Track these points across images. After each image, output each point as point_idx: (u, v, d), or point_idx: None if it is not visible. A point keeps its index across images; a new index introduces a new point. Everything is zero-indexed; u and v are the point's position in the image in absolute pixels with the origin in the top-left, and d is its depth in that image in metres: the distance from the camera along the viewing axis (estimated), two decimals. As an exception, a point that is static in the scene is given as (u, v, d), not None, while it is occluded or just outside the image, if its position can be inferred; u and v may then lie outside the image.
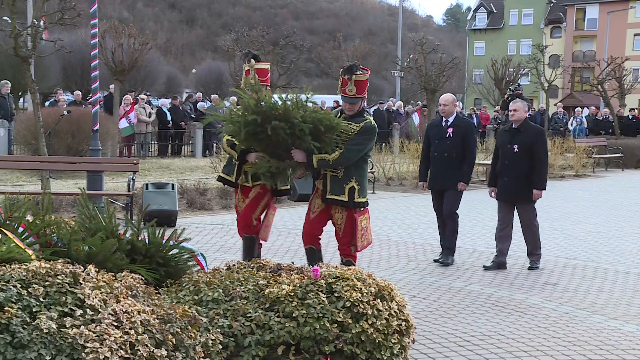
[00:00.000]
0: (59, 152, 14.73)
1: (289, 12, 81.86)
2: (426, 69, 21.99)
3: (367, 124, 5.65)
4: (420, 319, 5.62)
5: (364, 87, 5.70)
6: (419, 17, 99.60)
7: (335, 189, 5.64)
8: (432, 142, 7.92)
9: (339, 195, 5.63)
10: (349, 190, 5.63)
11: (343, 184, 5.62)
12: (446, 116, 7.84)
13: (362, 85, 5.66)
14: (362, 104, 5.75)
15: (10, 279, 3.08)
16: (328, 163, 5.49)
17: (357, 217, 5.66)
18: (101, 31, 17.14)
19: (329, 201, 5.68)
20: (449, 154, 7.73)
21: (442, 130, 7.82)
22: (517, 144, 7.57)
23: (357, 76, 5.61)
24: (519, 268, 7.74)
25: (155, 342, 3.18)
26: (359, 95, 5.66)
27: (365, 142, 5.64)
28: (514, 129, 7.70)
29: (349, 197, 5.63)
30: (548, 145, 21.03)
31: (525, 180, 7.56)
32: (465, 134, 7.76)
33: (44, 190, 10.17)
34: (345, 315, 3.84)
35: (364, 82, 5.68)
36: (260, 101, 5.25)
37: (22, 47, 11.71)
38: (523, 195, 7.61)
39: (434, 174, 7.88)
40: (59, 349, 2.90)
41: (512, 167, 7.60)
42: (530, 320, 5.82)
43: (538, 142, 7.62)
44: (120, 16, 55.20)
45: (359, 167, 5.70)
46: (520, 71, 28.36)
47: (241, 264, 4.44)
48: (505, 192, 7.70)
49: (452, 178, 7.70)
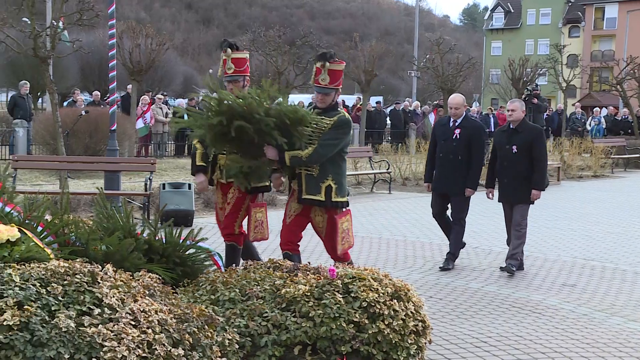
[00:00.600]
0: (76, 152, 14.84)
1: (305, 12, 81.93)
2: (443, 69, 21.91)
3: (341, 117, 5.35)
4: (436, 320, 5.60)
5: (338, 78, 5.39)
6: (436, 17, 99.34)
7: (311, 189, 5.32)
8: (439, 142, 7.65)
9: (315, 195, 5.32)
10: (325, 189, 5.32)
11: (319, 182, 5.31)
12: (455, 117, 7.57)
13: (336, 75, 5.36)
14: (336, 97, 5.45)
15: (29, 277, 3.11)
16: (301, 160, 5.20)
17: (337, 218, 5.37)
18: (119, 32, 17.23)
19: (305, 201, 5.37)
20: (454, 156, 7.45)
21: (449, 130, 7.55)
22: (515, 144, 7.37)
23: (332, 65, 5.32)
24: (536, 269, 7.69)
25: (173, 341, 3.19)
26: (333, 85, 5.35)
27: (340, 137, 5.33)
28: (512, 129, 7.49)
29: (325, 196, 5.32)
30: (566, 145, 20.92)
31: (523, 181, 7.35)
32: (473, 136, 7.46)
33: (63, 189, 10.25)
34: (361, 315, 3.83)
35: (338, 73, 5.38)
36: (222, 100, 4.99)
37: (41, 47, 11.82)
38: (521, 196, 7.38)
39: (438, 176, 7.62)
40: (78, 348, 2.92)
41: (511, 168, 7.41)
42: (548, 321, 5.77)
43: (537, 142, 7.41)
44: (138, 17, 55.51)
45: (335, 164, 5.39)
46: (538, 71, 28.11)
47: (257, 263, 4.45)
48: (505, 194, 7.53)
49: (456, 182, 7.43)
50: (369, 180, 15.51)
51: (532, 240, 9.35)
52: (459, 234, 7.61)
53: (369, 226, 10.20)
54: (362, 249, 8.56)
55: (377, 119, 25.88)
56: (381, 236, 9.42)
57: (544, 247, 8.97)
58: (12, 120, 17.87)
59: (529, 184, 7.35)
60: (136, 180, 13.78)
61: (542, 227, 10.45)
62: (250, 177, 5.39)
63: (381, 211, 11.75)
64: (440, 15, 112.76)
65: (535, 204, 7.57)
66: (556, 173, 17.71)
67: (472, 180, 7.44)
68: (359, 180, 15.64)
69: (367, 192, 14.68)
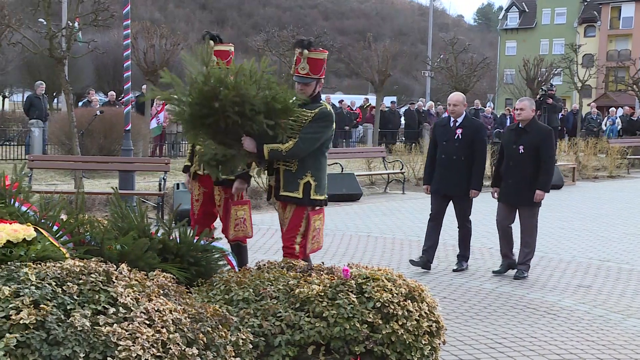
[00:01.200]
0: (91, 152, 14.92)
1: (319, 13, 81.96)
2: (457, 69, 21.85)
3: (323, 109, 5.05)
4: (450, 321, 5.58)
5: (319, 67, 5.10)
6: (450, 17, 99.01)
7: (288, 185, 5.06)
8: (439, 143, 7.47)
9: (292, 192, 5.06)
10: (303, 185, 5.05)
11: (297, 179, 5.05)
12: (455, 116, 7.42)
13: (317, 64, 5.07)
14: (318, 88, 5.14)
15: (45, 276, 3.12)
16: (281, 154, 4.89)
17: (311, 215, 5.11)
18: (133, 32, 17.31)
19: (282, 198, 5.12)
20: (457, 157, 7.30)
21: (451, 131, 7.38)
22: (522, 144, 7.18)
23: (312, 53, 5.06)
24: (551, 270, 7.65)
25: (187, 340, 3.20)
26: (314, 75, 5.07)
27: (322, 130, 5.02)
28: (520, 129, 7.29)
29: (303, 194, 5.05)
30: (581, 145, 20.78)
31: (530, 183, 7.16)
32: (475, 136, 7.33)
33: (78, 189, 10.31)
34: (375, 315, 3.83)
35: (319, 62, 5.09)
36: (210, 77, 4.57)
37: (57, 48, 11.90)
38: (527, 199, 7.18)
39: (439, 178, 7.43)
40: (93, 347, 2.94)
41: (517, 168, 7.21)
42: (563, 323, 5.74)
43: (545, 142, 7.18)
44: (152, 17, 55.74)
45: (315, 159, 5.09)
46: (553, 71, 27.97)
47: (271, 263, 4.45)
48: (508, 195, 7.31)
49: (460, 183, 7.30)
50: (382, 181, 15.49)
51: (547, 241, 9.31)
52: (466, 235, 7.51)
53: (383, 226, 10.18)
54: (375, 249, 8.56)
55: (390, 119, 25.84)
56: (395, 236, 9.40)
57: (559, 248, 8.92)
58: (28, 121, 18.01)
59: (534, 185, 7.15)
60: (150, 180, 13.84)
61: (557, 228, 10.39)
62: (223, 167, 4.99)
63: (395, 211, 11.73)
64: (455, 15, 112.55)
65: (548, 205, 7.50)
66: (571, 173, 17.59)
67: (476, 181, 7.31)
68: (372, 181, 15.63)
69: (380, 192, 14.66)
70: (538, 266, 7.79)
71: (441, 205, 7.52)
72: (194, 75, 4.62)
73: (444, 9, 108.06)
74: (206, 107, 4.56)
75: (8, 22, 13.20)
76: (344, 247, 8.62)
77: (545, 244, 9.08)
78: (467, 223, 7.50)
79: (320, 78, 5.16)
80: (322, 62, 5.16)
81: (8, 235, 3.35)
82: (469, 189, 7.32)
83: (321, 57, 5.14)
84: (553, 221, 10.99)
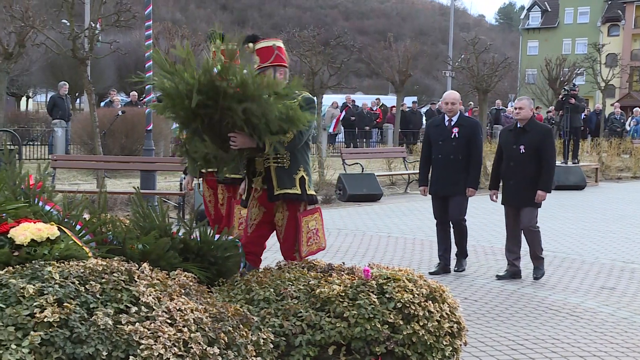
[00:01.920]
0: (113, 152, 15.04)
1: (340, 13, 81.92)
2: (478, 69, 21.69)
3: (305, 95, 4.70)
4: (471, 322, 5.54)
5: (269, 55, 4.79)
6: (471, 17, 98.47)
7: (284, 183, 4.68)
8: (434, 143, 7.33)
9: (290, 189, 4.69)
10: (299, 181, 4.72)
11: (292, 174, 4.70)
12: (451, 115, 7.29)
13: (265, 53, 4.78)
14: (279, 76, 4.73)
15: (68, 275, 3.15)
16: (283, 145, 4.47)
17: (300, 217, 4.77)
18: (155, 33, 17.43)
19: (280, 197, 4.70)
20: (454, 157, 7.17)
21: (446, 130, 7.25)
22: (523, 144, 7.01)
23: (257, 44, 4.81)
24: (573, 271, 7.57)
25: (208, 340, 3.21)
26: (266, 63, 4.75)
27: (312, 117, 4.64)
28: (519, 129, 7.12)
29: (301, 189, 4.72)
30: (604, 146, 20.55)
31: (531, 183, 7.00)
32: (472, 135, 7.20)
33: (100, 189, 10.40)
34: (396, 316, 3.82)
35: (267, 49, 4.79)
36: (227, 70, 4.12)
37: (80, 49, 12.01)
38: (528, 199, 7.02)
39: (436, 178, 7.31)
40: (115, 345, 2.96)
41: (518, 169, 7.05)
42: (586, 324, 5.68)
43: (545, 142, 7.04)
44: (174, 18, 56.07)
45: (304, 152, 4.80)
46: (576, 71, 27.70)
47: (292, 263, 4.46)
48: (511, 197, 7.15)
49: (457, 183, 7.18)
50: (402, 181, 15.45)
51: (569, 242, 9.23)
52: (462, 233, 7.39)
53: (403, 227, 10.15)
54: (396, 249, 8.53)
55: (411, 119, 25.76)
56: (415, 237, 9.37)
57: (582, 249, 8.83)
58: (51, 121, 18.19)
59: (536, 186, 7.00)
60: (171, 180, 13.92)
61: (580, 229, 10.30)
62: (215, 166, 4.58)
63: (415, 212, 11.69)
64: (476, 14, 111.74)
65: (570, 206, 7.42)
66: (594, 174, 17.43)
67: (473, 180, 7.19)
68: (393, 181, 15.59)
69: (401, 192, 14.62)
70: (560, 267, 7.73)
71: (443, 207, 7.42)
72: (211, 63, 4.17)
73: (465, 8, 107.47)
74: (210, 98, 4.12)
75: (32, 24, 13.33)
76: (365, 247, 8.60)
77: (568, 245, 9.00)
78: (462, 221, 7.37)
79: (277, 66, 4.80)
80: (271, 50, 4.82)
81: (32, 234, 3.39)
82: (465, 188, 7.21)
83: (268, 45, 4.83)
84: (576, 222, 10.89)
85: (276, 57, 4.76)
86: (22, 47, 14.62)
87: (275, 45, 4.77)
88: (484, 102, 21.55)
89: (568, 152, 17.06)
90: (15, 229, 3.41)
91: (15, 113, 27.55)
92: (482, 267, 7.69)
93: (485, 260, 7.96)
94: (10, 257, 3.30)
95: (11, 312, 2.90)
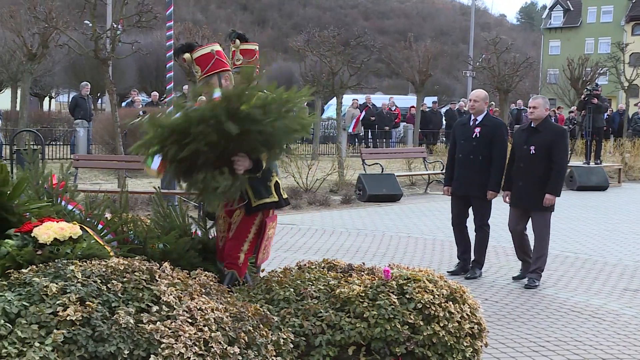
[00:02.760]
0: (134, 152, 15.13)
1: (360, 13, 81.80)
2: (499, 69, 21.56)
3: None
4: (492, 323, 5.51)
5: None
6: (492, 16, 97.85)
7: (261, 192, 4.36)
8: (458, 142, 7.23)
9: (268, 197, 4.39)
10: (274, 187, 4.46)
11: (267, 182, 4.40)
12: (475, 114, 7.15)
13: (204, 60, 4.57)
14: (226, 82, 4.52)
15: (91, 274, 3.18)
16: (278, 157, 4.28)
17: (268, 222, 4.39)
18: (176, 33, 17.52)
19: (260, 208, 4.36)
20: (474, 157, 7.05)
21: (469, 129, 7.13)
22: (534, 145, 6.77)
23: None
24: (596, 273, 7.50)
25: (228, 339, 3.22)
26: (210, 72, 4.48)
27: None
28: (532, 128, 6.89)
29: (278, 195, 4.47)
30: (628, 146, 20.30)
31: (541, 185, 6.74)
32: (494, 135, 7.03)
33: (121, 188, 10.47)
34: (416, 317, 3.80)
35: (206, 57, 4.57)
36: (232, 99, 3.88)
37: (102, 49, 12.11)
38: (538, 202, 6.77)
39: (456, 178, 7.19)
40: (137, 344, 2.98)
41: (528, 170, 6.81)
42: (609, 327, 5.62)
43: (558, 143, 6.77)
44: (194, 18, 56.34)
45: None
46: (598, 70, 27.41)
47: (312, 263, 4.46)
48: (519, 198, 6.90)
49: (477, 184, 7.04)
50: (423, 181, 15.39)
51: (591, 243, 9.14)
52: (483, 240, 7.23)
53: (423, 227, 10.12)
54: (416, 250, 8.51)
55: (431, 119, 25.67)
56: (435, 237, 9.33)
57: (604, 250, 8.74)
58: (74, 121, 18.37)
59: (545, 188, 6.74)
60: (192, 179, 13.96)
61: (603, 230, 10.20)
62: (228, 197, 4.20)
63: (435, 212, 11.65)
64: (497, 14, 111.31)
65: (593, 207, 7.32)
66: (617, 175, 17.25)
67: (494, 182, 7.03)
68: (413, 181, 15.54)
69: (421, 192, 14.56)
70: (582, 269, 7.66)
71: (460, 208, 7.30)
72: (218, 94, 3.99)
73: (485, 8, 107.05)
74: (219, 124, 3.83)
75: (55, 25, 13.47)
76: (384, 247, 8.59)
77: (590, 247, 8.92)
78: (485, 227, 7.21)
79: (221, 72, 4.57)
80: (209, 56, 4.61)
81: (55, 233, 3.42)
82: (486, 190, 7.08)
83: (206, 52, 4.63)
84: (598, 223, 10.79)
85: (216, 62, 4.45)
86: (45, 48, 14.80)
87: (213, 51, 4.48)
88: (505, 102, 21.42)
89: (590, 153, 16.91)
90: (39, 228, 3.44)
91: (38, 113, 27.81)
92: (503, 268, 7.64)
93: (506, 261, 7.91)
94: (34, 255, 3.33)
95: (35, 311, 2.93)
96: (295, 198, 12.13)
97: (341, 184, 13.90)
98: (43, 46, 14.66)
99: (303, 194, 12.54)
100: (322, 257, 4.75)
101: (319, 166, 14.43)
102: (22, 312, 2.93)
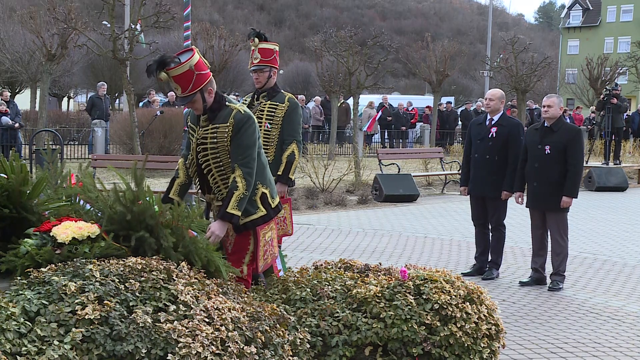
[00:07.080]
0: (151, 151, 15.22)
1: (377, 13, 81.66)
2: (517, 69, 21.44)
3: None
4: (510, 324, 5.48)
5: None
6: (510, 16, 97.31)
7: (247, 210, 4.08)
8: (474, 141, 7.18)
9: (255, 213, 4.12)
10: (261, 200, 4.16)
11: (252, 197, 4.11)
12: (491, 113, 7.10)
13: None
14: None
15: (109, 273, 3.20)
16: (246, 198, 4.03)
17: (259, 230, 4.16)
18: (193, 33, 17.61)
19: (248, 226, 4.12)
20: (490, 157, 7.00)
21: (485, 129, 7.09)
22: (549, 144, 6.66)
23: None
24: (615, 274, 7.43)
25: (245, 339, 3.23)
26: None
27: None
28: (546, 128, 6.76)
29: (266, 208, 4.17)
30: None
31: (557, 186, 6.64)
32: (510, 135, 6.97)
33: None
34: (433, 317, 3.79)
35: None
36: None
37: (120, 50, 12.19)
38: (554, 203, 6.67)
39: (473, 178, 7.16)
40: (154, 343, 2.99)
41: (543, 170, 6.69)
42: (629, 328, 5.57)
43: (573, 143, 6.64)
44: (211, 18, 56.53)
45: (259, 165, 4.14)
46: (618, 70, 27.15)
47: (328, 263, 4.46)
48: (535, 200, 6.80)
49: (492, 184, 7.00)
50: (439, 182, 15.34)
51: (610, 244, 9.06)
52: (500, 240, 7.17)
53: (440, 228, 10.08)
54: (432, 250, 8.48)
55: (447, 120, 25.58)
56: (452, 238, 9.30)
57: (624, 251, 8.66)
58: (91, 121, 18.50)
59: (561, 190, 6.64)
60: (209, 179, 14.02)
61: (622, 231, 10.10)
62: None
63: (452, 212, 11.60)
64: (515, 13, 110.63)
65: (612, 207, 7.23)
66: (637, 175, 17.10)
67: (508, 182, 6.97)
68: (429, 181, 15.49)
69: (437, 193, 14.51)
70: (601, 270, 7.60)
71: (480, 208, 7.26)
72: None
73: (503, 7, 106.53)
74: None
75: (74, 25, 13.58)
76: (401, 248, 8.57)
77: (609, 248, 8.84)
78: (501, 227, 7.15)
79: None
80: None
81: (74, 232, 3.45)
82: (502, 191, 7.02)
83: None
84: (617, 224, 10.69)
85: (197, 79, 4.01)
86: (64, 49, 14.93)
87: (192, 67, 3.97)
88: (522, 102, 21.28)
89: (609, 153, 16.76)
90: (57, 227, 3.47)
91: (57, 113, 28.04)
92: (520, 269, 7.59)
93: (523, 262, 7.86)
94: (53, 255, 3.36)
95: (54, 309, 2.96)
96: (311, 198, 12.13)
97: (358, 184, 13.89)
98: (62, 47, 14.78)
99: (319, 194, 12.54)
100: (339, 257, 4.76)
101: (335, 166, 14.42)
102: (41, 310, 2.96)
